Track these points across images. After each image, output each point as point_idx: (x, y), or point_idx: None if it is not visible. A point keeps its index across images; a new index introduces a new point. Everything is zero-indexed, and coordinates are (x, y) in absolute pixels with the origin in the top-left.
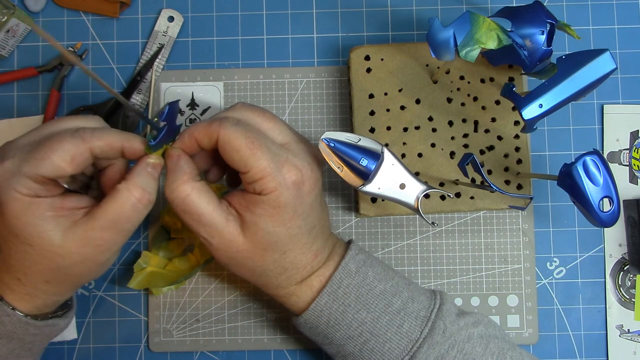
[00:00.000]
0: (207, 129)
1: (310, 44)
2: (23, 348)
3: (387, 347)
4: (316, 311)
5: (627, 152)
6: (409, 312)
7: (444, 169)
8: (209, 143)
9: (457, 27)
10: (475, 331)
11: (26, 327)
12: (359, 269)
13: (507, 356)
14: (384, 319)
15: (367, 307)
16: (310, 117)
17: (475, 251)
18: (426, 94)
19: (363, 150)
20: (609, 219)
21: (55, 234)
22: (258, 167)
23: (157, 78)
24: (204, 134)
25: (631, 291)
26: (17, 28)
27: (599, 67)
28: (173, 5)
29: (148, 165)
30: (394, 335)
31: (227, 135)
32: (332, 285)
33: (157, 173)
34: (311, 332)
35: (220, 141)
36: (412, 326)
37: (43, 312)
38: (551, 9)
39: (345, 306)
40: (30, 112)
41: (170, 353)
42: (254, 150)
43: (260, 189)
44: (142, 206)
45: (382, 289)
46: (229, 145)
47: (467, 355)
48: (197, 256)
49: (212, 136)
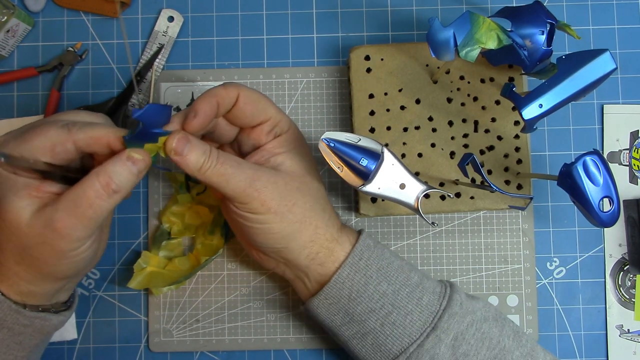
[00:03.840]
0: (226, 89)
1: (310, 44)
2: (13, 340)
3: (408, 320)
4: (338, 283)
5: (627, 152)
6: (426, 287)
7: (444, 169)
8: (229, 104)
9: (457, 27)
10: (490, 314)
11: (16, 317)
12: (376, 245)
13: (523, 339)
14: (404, 291)
15: (388, 280)
16: (310, 117)
17: (475, 251)
18: (426, 94)
19: (363, 150)
20: (609, 219)
21: (25, 212)
22: (275, 112)
23: (157, 78)
24: (225, 94)
25: (631, 291)
26: (17, 28)
27: (599, 67)
28: (173, 5)
29: (126, 157)
30: (415, 307)
31: (248, 91)
32: (354, 257)
33: (135, 168)
34: (330, 311)
35: (243, 96)
36: (431, 299)
37: (31, 303)
38: (551, 9)
39: (367, 277)
40: (30, 112)
41: (170, 353)
42: (269, 102)
43: (281, 130)
44: (105, 194)
45: (399, 264)
46: (251, 98)
47: (485, 334)
48: (197, 256)
49: (232, 95)
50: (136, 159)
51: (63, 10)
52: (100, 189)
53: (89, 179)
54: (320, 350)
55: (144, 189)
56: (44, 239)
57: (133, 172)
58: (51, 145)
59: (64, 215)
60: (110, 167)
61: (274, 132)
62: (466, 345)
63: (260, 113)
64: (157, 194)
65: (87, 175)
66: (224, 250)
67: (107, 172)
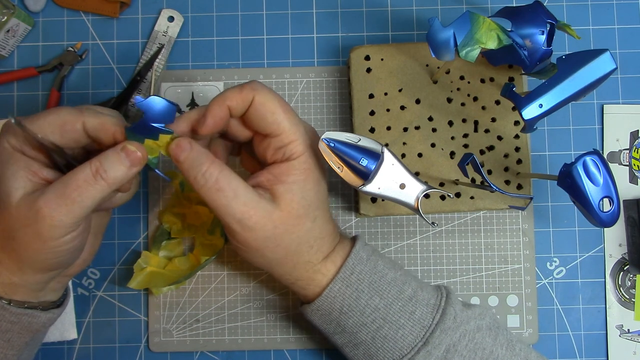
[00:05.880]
0: (240, 92)
1: (310, 44)
2: (1, 337)
3: (400, 334)
4: (330, 297)
5: (627, 152)
6: (419, 300)
7: (444, 169)
8: (243, 108)
9: (457, 27)
10: (484, 322)
11: (1, 313)
12: (369, 257)
13: (516, 348)
14: (397, 305)
15: (380, 294)
16: (310, 117)
17: (475, 251)
18: (426, 94)
19: (363, 150)
20: (609, 219)
21: (17, 192)
22: (290, 130)
23: (157, 78)
24: (238, 98)
25: (631, 291)
26: (17, 28)
27: (599, 67)
28: (173, 5)
29: (120, 147)
30: (407, 321)
31: (263, 97)
32: (345, 271)
33: (127, 160)
34: (323, 320)
35: (257, 102)
36: (423, 313)
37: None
38: (551, 9)
39: (358, 292)
40: (30, 112)
41: (170, 353)
42: (287, 114)
43: (290, 152)
44: (93, 180)
45: (393, 276)
46: (265, 107)
47: (478, 344)
48: (197, 256)
49: (246, 99)
50: (130, 150)
51: (63, 10)
52: (89, 174)
53: (82, 165)
54: (320, 350)
55: (144, 189)
56: (28, 221)
57: (125, 164)
58: (61, 123)
59: (50, 197)
60: (103, 157)
61: (282, 152)
62: (458, 357)
63: (271, 124)
64: (157, 194)
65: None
66: (224, 250)
67: (99, 158)
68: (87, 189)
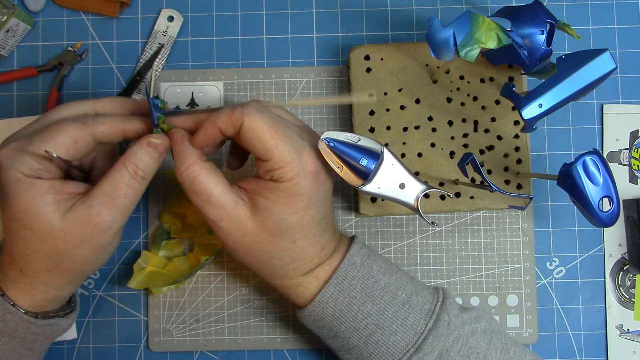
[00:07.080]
0: (230, 117)
1: (310, 44)
2: (25, 347)
3: (392, 340)
4: (322, 303)
5: (627, 152)
6: (413, 305)
7: (444, 169)
8: (233, 131)
9: (457, 27)
10: (479, 326)
11: (28, 326)
12: (364, 262)
13: (511, 351)
14: (390, 311)
15: (373, 300)
16: (310, 117)
17: (475, 251)
18: (426, 94)
19: (363, 150)
20: (609, 219)
21: (55, 216)
22: (280, 157)
23: (157, 78)
24: (228, 122)
25: (631, 291)
26: (17, 28)
27: (599, 67)
28: (173, 5)
29: (146, 144)
30: (400, 327)
31: (251, 123)
32: (338, 277)
33: (156, 153)
34: (316, 325)
35: (245, 128)
36: (417, 319)
37: (44, 311)
38: (551, 9)
39: (351, 298)
40: (30, 112)
41: (170, 353)
42: (277, 141)
43: (279, 177)
44: (135, 182)
45: (387, 282)
46: (253, 133)
47: (472, 349)
48: (197, 256)
49: (236, 124)
50: (156, 144)
51: (63, 10)
52: (131, 178)
53: (118, 170)
54: (320, 350)
55: None
56: (83, 238)
57: (155, 157)
58: (73, 141)
59: (101, 210)
60: (134, 156)
61: (271, 175)
62: None
63: (259, 151)
64: (157, 194)
65: (113, 167)
66: (224, 250)
67: (133, 160)
68: (133, 193)
